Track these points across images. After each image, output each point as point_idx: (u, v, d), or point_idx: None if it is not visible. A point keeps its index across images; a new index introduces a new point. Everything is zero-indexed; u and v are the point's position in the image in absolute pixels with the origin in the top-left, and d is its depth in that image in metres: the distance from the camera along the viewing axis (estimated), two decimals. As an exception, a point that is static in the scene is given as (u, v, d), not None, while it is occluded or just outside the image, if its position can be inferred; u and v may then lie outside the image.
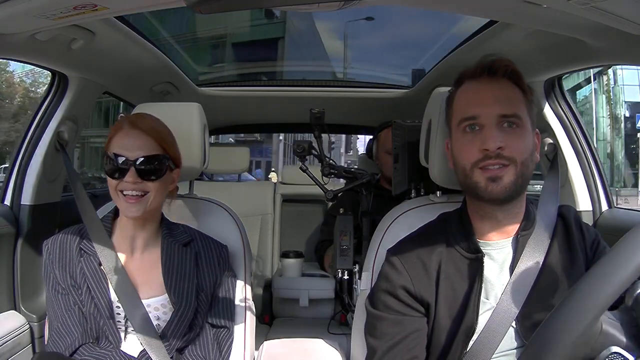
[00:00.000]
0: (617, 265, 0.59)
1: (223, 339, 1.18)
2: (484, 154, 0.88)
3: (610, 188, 1.61)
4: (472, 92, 0.94)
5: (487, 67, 0.93)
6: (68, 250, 1.12)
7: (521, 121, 0.90)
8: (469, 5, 0.97)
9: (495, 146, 0.87)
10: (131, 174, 1.07)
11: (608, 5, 0.78)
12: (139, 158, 1.08)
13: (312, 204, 2.77)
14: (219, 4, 0.80)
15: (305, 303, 2.17)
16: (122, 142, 1.09)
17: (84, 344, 1.06)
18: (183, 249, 1.17)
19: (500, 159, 0.88)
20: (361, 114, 2.67)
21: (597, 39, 1.03)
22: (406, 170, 1.35)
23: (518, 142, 0.89)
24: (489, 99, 0.91)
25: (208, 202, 1.37)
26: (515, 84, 0.93)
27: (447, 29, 2.12)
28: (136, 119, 1.13)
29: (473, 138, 0.90)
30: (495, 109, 0.89)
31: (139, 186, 1.08)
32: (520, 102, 0.92)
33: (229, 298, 1.21)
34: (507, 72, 0.92)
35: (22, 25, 1.07)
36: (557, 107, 1.53)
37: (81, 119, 1.66)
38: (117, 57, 1.59)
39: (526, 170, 0.90)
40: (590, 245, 0.96)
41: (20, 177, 1.54)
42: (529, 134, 0.91)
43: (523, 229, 0.94)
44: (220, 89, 2.43)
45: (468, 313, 0.89)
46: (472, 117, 0.91)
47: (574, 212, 1.02)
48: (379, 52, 2.83)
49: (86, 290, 1.09)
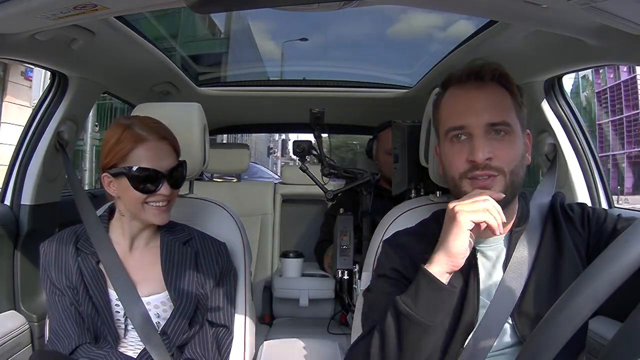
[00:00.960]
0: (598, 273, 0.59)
1: (222, 338, 1.18)
2: (471, 165, 0.87)
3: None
4: (459, 100, 0.92)
5: (474, 72, 0.90)
6: (64, 252, 1.12)
7: (510, 128, 0.88)
8: (469, 5, 0.97)
9: (483, 157, 0.85)
10: (165, 187, 1.08)
11: (608, 5, 0.78)
12: (169, 169, 1.09)
13: (312, 204, 2.77)
14: (219, 4, 0.80)
15: (305, 303, 2.17)
16: (148, 155, 1.08)
17: (81, 345, 1.06)
18: (183, 247, 1.17)
19: (488, 169, 0.86)
20: (361, 114, 2.68)
21: (597, 39, 1.03)
22: (406, 170, 1.35)
23: (507, 150, 0.87)
24: (476, 107, 0.88)
25: (208, 202, 1.37)
26: (503, 87, 0.91)
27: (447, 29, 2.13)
28: (158, 128, 1.11)
29: (461, 148, 0.89)
30: (483, 118, 0.87)
31: (170, 196, 1.10)
32: (509, 107, 0.90)
33: (228, 297, 1.21)
34: (495, 76, 0.90)
35: (22, 25, 1.07)
36: (557, 107, 1.53)
37: (81, 119, 1.66)
38: (117, 57, 1.59)
39: (516, 178, 0.88)
40: (581, 224, 0.94)
41: (20, 177, 1.54)
42: (518, 139, 0.90)
43: (517, 226, 0.94)
44: (220, 89, 2.43)
45: (467, 309, 0.89)
46: (460, 126, 0.89)
47: (560, 199, 1.00)
48: (379, 52, 2.83)
49: (83, 290, 1.08)
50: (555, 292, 0.86)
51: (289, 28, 2.61)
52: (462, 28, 1.82)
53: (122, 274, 1.10)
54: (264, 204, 2.71)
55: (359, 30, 2.55)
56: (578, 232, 0.93)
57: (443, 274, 0.82)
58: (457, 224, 0.81)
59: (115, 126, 1.12)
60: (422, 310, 0.81)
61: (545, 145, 1.55)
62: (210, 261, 1.19)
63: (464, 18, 1.83)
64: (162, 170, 1.08)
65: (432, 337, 0.83)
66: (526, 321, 0.87)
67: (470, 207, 0.81)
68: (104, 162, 1.11)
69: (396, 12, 2.27)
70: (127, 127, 1.09)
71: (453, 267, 0.82)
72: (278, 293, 2.23)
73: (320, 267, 2.29)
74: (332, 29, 2.59)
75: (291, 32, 2.60)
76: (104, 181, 1.12)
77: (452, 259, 0.82)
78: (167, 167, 1.09)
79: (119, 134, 1.09)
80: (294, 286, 2.20)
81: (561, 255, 0.91)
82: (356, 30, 2.55)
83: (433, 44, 2.32)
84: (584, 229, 0.93)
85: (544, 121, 1.54)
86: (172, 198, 1.12)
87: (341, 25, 2.53)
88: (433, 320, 0.81)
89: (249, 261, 1.32)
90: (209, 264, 1.18)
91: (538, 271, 0.90)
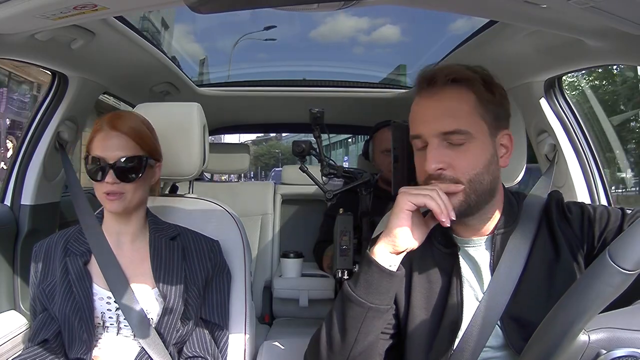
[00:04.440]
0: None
1: (218, 337, 1.18)
2: (427, 175, 0.85)
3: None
4: (416, 108, 0.90)
5: (426, 80, 0.87)
6: (53, 253, 1.15)
7: (467, 135, 0.84)
8: (469, 5, 0.97)
9: (434, 168, 0.84)
10: (110, 176, 1.10)
11: (608, 5, 0.78)
12: (118, 160, 1.10)
13: (312, 204, 2.77)
14: (219, 4, 0.80)
15: (305, 303, 2.17)
16: (102, 144, 1.11)
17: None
18: (170, 243, 1.18)
19: (443, 180, 0.84)
20: (361, 114, 2.67)
21: (597, 39, 1.03)
22: (405, 170, 1.35)
23: (463, 160, 0.84)
24: (428, 116, 0.87)
25: (208, 203, 1.37)
26: (464, 89, 0.86)
27: (447, 29, 2.13)
28: (114, 119, 1.13)
29: (421, 157, 0.88)
30: (434, 127, 0.85)
31: (118, 187, 1.10)
32: (467, 113, 0.85)
33: (222, 295, 1.21)
34: (448, 80, 0.85)
35: (22, 25, 1.07)
36: (557, 107, 1.53)
37: (81, 119, 1.66)
38: (117, 57, 1.59)
39: (479, 186, 0.85)
40: (580, 226, 0.89)
41: (20, 177, 1.54)
42: (480, 146, 0.85)
43: (502, 227, 0.92)
44: (220, 89, 2.43)
45: (450, 308, 0.88)
46: (417, 135, 0.88)
47: (556, 199, 0.95)
48: (379, 52, 2.83)
49: (66, 287, 1.10)
50: (549, 297, 0.84)
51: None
52: (462, 28, 1.82)
53: (117, 272, 1.11)
54: (264, 204, 2.71)
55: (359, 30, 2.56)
56: (575, 234, 0.89)
57: (386, 255, 0.83)
58: (397, 205, 0.84)
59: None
60: (361, 291, 0.83)
61: (545, 145, 1.55)
62: (202, 259, 1.19)
63: (464, 18, 1.83)
64: (109, 161, 1.10)
65: (375, 320, 0.84)
66: (515, 326, 0.86)
67: (413, 191, 0.83)
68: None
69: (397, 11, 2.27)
70: (102, 120, 1.13)
71: (394, 248, 0.83)
72: (278, 293, 2.23)
73: (319, 268, 2.29)
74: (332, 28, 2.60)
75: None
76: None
77: (391, 239, 0.83)
78: (115, 158, 1.10)
79: (95, 126, 1.14)
80: (294, 286, 2.20)
81: (557, 259, 0.88)
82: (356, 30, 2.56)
83: (433, 44, 2.33)
84: (584, 232, 0.89)
85: (544, 121, 1.53)
86: (126, 190, 1.12)
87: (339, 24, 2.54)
88: (374, 302, 0.82)
89: (249, 261, 1.31)
90: (200, 260, 1.19)
91: (531, 274, 0.88)
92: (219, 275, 1.22)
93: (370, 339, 0.85)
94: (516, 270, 0.88)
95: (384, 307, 0.84)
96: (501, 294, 0.86)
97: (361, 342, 0.84)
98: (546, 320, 0.64)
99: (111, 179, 1.10)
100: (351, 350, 0.84)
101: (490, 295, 0.87)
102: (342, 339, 0.84)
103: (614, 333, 0.63)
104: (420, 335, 0.90)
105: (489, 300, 0.87)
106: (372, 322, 0.84)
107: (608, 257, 0.58)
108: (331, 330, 0.85)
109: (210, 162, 1.40)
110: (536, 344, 0.65)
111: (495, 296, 0.87)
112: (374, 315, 0.83)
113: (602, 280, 0.59)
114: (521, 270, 0.88)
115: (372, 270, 0.83)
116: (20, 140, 1.58)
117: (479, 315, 0.86)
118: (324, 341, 0.86)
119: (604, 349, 0.62)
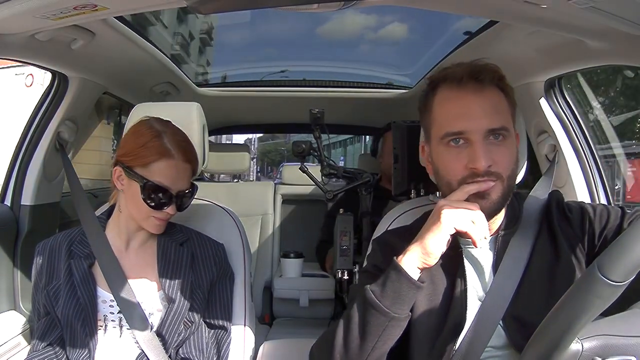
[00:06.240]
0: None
1: (221, 339, 1.18)
2: (472, 172, 0.84)
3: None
4: (456, 103, 0.87)
5: (474, 75, 0.86)
6: (56, 254, 1.13)
7: (508, 132, 0.86)
8: (469, 5, 0.97)
9: (485, 165, 0.83)
10: (172, 208, 1.09)
11: (608, 5, 0.78)
12: (182, 191, 1.10)
13: (312, 204, 2.77)
14: (219, 4, 0.80)
15: (305, 303, 2.17)
16: (171, 174, 1.08)
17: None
18: (179, 248, 1.17)
19: (488, 176, 0.84)
20: (361, 114, 2.68)
21: (597, 39, 1.03)
22: (406, 170, 1.35)
23: (505, 155, 0.85)
24: (477, 112, 0.85)
25: (207, 203, 1.37)
26: (501, 90, 0.88)
27: (447, 29, 2.12)
28: (187, 148, 1.11)
29: (459, 154, 0.85)
30: (483, 124, 0.84)
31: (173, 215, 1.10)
32: (507, 111, 0.88)
33: (227, 298, 1.21)
34: (495, 79, 0.87)
35: (22, 25, 1.07)
36: (557, 107, 1.53)
37: (81, 119, 1.66)
38: (117, 57, 1.59)
39: (512, 182, 0.88)
40: (580, 225, 0.90)
41: (20, 177, 1.54)
42: (513, 143, 0.88)
43: (505, 228, 0.93)
44: (220, 89, 2.43)
45: (454, 308, 0.89)
46: (459, 132, 0.85)
47: (556, 199, 0.96)
48: (379, 52, 2.83)
49: (70, 290, 1.08)
50: (550, 297, 0.84)
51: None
52: (462, 27, 1.82)
53: (118, 275, 1.10)
54: (264, 204, 2.71)
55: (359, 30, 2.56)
56: (576, 234, 0.90)
57: (414, 268, 0.82)
58: (440, 226, 0.81)
59: (146, 128, 1.11)
60: (388, 301, 0.82)
61: (546, 146, 1.55)
62: (208, 263, 1.18)
63: (464, 18, 1.83)
64: (174, 192, 1.08)
65: (395, 329, 0.84)
66: (517, 326, 0.86)
67: (458, 213, 0.81)
68: (122, 156, 1.10)
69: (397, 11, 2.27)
70: (157, 136, 1.09)
71: (425, 264, 0.83)
72: (278, 293, 2.23)
73: (321, 267, 2.29)
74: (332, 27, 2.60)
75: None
76: (115, 172, 1.11)
77: (425, 257, 0.82)
78: (181, 189, 1.09)
79: (147, 139, 1.08)
80: (294, 286, 2.20)
81: (558, 259, 0.89)
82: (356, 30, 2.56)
83: (433, 44, 2.33)
84: (584, 231, 0.90)
85: (544, 121, 1.53)
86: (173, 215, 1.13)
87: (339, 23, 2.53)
88: (397, 312, 0.82)
89: (249, 262, 1.31)
90: (206, 265, 1.18)
91: (532, 275, 0.88)
92: (223, 279, 1.21)
93: (387, 346, 0.85)
94: (518, 271, 0.88)
95: (404, 316, 0.84)
96: (503, 294, 0.87)
97: (379, 349, 0.84)
98: (538, 330, 0.65)
99: (173, 210, 1.09)
100: (368, 356, 0.84)
101: (492, 295, 0.88)
102: (361, 344, 0.84)
103: (608, 340, 0.62)
104: (423, 335, 0.90)
105: (491, 301, 0.87)
106: (392, 331, 0.84)
107: (597, 269, 0.58)
108: (349, 334, 0.85)
109: (210, 162, 1.40)
110: (529, 355, 0.65)
111: (498, 296, 0.87)
112: (395, 325, 0.83)
113: (591, 292, 0.58)
114: (523, 271, 0.88)
115: (401, 281, 0.82)
116: (20, 140, 1.57)
117: (482, 315, 0.87)
118: (339, 343, 0.85)
119: (598, 356, 0.61)
